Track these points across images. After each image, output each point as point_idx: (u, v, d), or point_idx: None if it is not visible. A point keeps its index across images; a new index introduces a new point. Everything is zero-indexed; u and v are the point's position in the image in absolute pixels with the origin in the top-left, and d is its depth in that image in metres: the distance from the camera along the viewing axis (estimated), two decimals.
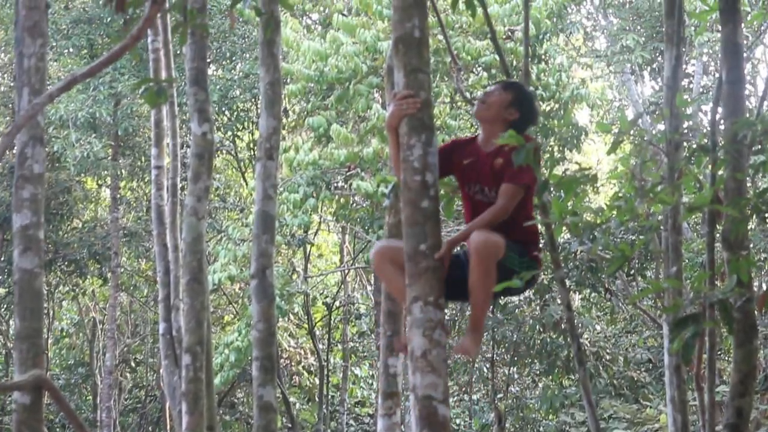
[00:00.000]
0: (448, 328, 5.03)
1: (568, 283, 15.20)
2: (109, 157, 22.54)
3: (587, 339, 17.15)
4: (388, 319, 6.58)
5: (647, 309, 18.10)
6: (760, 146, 5.61)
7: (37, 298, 5.65)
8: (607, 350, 17.46)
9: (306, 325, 26.26)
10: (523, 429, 18.06)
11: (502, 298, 5.54)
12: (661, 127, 7.54)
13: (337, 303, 26.92)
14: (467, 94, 15.36)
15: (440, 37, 16.70)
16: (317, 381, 26.17)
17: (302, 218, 18.68)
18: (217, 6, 21.68)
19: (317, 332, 26.77)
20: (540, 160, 5.10)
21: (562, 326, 15.68)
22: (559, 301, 15.68)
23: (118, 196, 23.73)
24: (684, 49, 8.53)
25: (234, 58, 23.41)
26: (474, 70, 19.46)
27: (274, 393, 6.91)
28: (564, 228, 4.97)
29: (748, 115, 5.66)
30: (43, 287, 5.71)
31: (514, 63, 18.22)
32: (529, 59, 6.23)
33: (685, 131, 7.14)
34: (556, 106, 19.64)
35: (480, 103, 5.40)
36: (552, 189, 5.20)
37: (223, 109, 23.03)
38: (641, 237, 12.25)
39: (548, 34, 19.69)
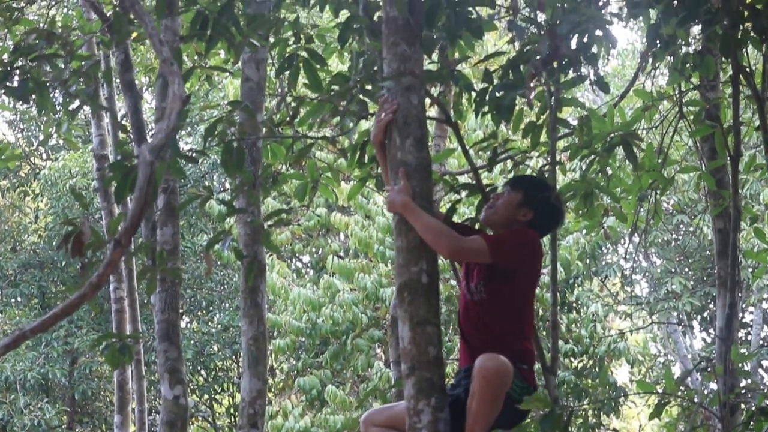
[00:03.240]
0: None
1: None
2: (64, 426, 22.34)
3: None
4: None
5: None
6: None
7: None
8: None
9: None
10: None
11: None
12: (714, 386, 7.54)
13: None
14: None
15: (453, 282, 16.90)
16: None
17: None
18: (191, 248, 22.06)
19: None
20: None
21: None
22: None
23: None
24: (740, 295, 8.63)
25: (211, 309, 23.60)
26: None
27: None
28: None
29: None
30: None
31: (541, 312, 18.34)
32: (558, 308, 6.31)
33: (743, 391, 7.13)
34: (590, 362, 19.63)
35: (488, 208, 5.43)
36: None
37: (199, 368, 23.03)
38: None
39: (580, 278, 19.92)
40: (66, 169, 21.60)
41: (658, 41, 6.05)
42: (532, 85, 5.81)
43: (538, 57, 5.66)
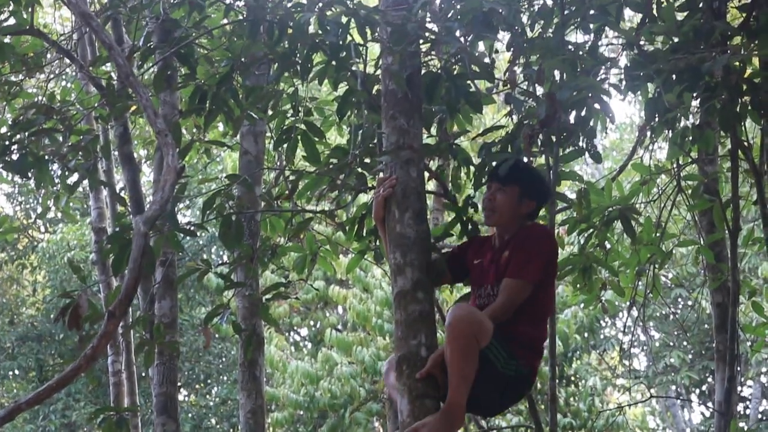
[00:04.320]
0: None
1: None
2: None
3: None
4: None
5: None
6: None
7: None
8: None
9: None
10: None
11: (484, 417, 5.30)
12: None
13: None
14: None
15: None
16: None
17: None
18: (189, 320, 21.97)
19: None
20: None
21: None
22: None
23: None
24: (739, 369, 8.60)
25: (209, 382, 23.46)
26: None
27: None
28: None
29: None
30: None
31: (539, 385, 18.22)
32: (556, 381, 6.25)
33: None
34: None
35: (488, 212, 5.29)
36: None
37: None
38: None
39: (578, 351, 19.83)
40: (64, 242, 21.58)
41: (656, 115, 6.05)
42: (531, 159, 5.79)
43: (536, 120, 5.63)
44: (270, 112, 6.61)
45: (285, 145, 6.43)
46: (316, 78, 6.00)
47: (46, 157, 7.21)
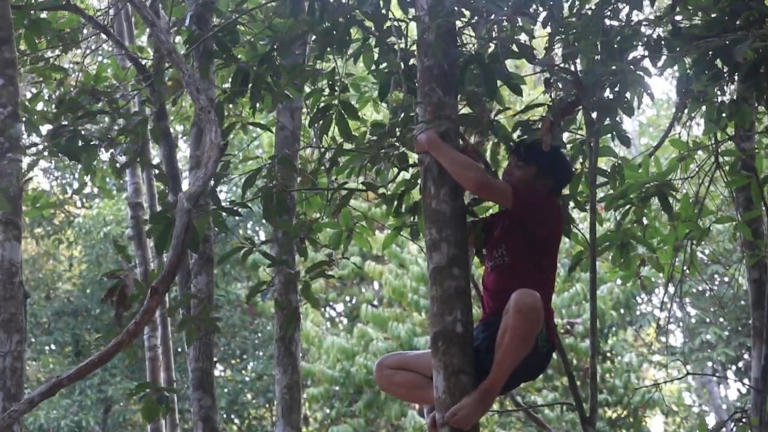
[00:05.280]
0: None
1: None
2: None
3: None
4: None
5: None
6: None
7: None
8: None
9: None
10: None
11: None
12: None
13: None
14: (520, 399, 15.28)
15: None
16: None
17: None
18: (224, 296, 22.06)
19: None
20: None
21: None
22: None
23: None
24: None
25: (245, 357, 23.55)
26: None
27: None
28: None
29: None
30: None
31: (575, 362, 18.22)
32: (597, 359, 6.24)
33: None
34: (624, 413, 19.46)
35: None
36: None
37: (233, 416, 22.96)
38: None
39: (614, 327, 19.80)
40: (101, 216, 21.69)
41: (688, 94, 6.06)
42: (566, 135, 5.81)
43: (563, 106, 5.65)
44: (307, 90, 6.63)
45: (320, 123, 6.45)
46: (354, 55, 6.02)
47: (94, 142, 7.27)
